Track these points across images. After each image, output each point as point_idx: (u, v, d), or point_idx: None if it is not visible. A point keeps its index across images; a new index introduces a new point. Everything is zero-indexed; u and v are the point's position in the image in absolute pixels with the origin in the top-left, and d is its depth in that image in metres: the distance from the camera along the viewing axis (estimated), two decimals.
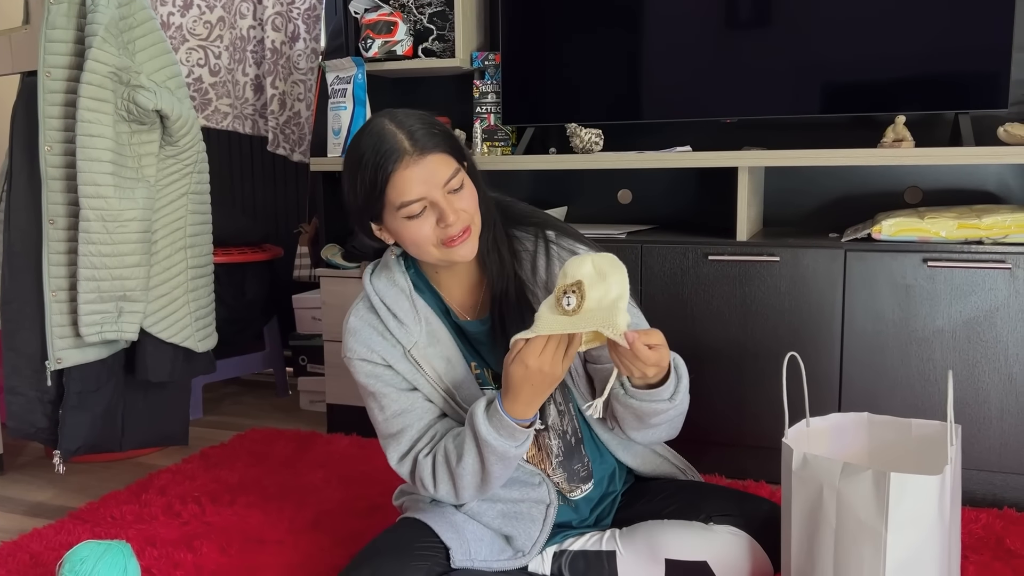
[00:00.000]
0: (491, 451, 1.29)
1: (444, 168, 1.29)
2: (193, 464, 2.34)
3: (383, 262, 1.47)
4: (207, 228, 2.16)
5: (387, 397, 1.41)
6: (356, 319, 1.43)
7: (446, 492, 1.39)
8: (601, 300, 1.17)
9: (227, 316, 2.86)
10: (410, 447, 1.41)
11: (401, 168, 1.27)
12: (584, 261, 1.19)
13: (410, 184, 1.27)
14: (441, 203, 1.29)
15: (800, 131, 2.41)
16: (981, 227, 1.98)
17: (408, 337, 1.39)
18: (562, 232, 1.48)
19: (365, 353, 1.41)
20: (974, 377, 2.00)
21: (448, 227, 1.30)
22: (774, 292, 2.13)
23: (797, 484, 1.28)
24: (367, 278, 1.45)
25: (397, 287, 1.42)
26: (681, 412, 1.39)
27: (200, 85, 3.18)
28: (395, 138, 1.28)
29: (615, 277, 1.18)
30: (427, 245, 1.32)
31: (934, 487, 1.18)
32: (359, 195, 1.32)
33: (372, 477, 2.22)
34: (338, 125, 2.52)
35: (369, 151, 1.29)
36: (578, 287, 1.16)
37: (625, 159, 2.26)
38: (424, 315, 1.41)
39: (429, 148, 1.28)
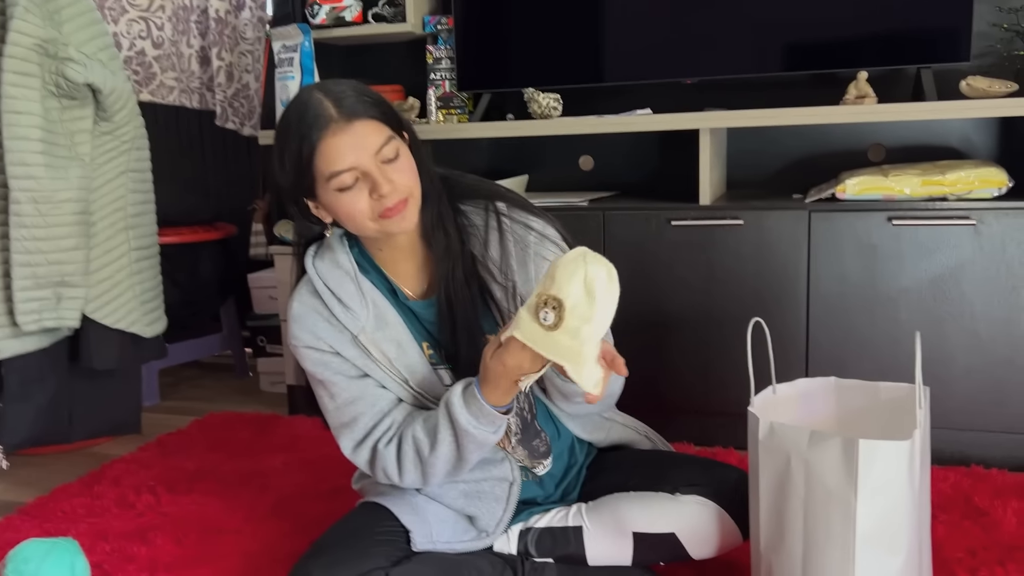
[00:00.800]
0: (470, 439, 1.25)
1: (375, 135, 1.22)
2: (149, 452, 2.27)
3: (325, 243, 1.39)
4: (149, 208, 2.07)
5: (336, 385, 1.35)
6: (299, 305, 1.35)
7: (413, 480, 1.34)
8: (577, 333, 1.07)
9: (180, 298, 2.78)
10: (365, 435, 1.35)
11: (328, 136, 1.20)
12: (576, 271, 1.08)
13: (338, 152, 1.20)
14: (373, 172, 1.22)
15: (761, 91, 2.36)
16: (945, 183, 1.95)
17: (355, 322, 1.33)
18: (512, 203, 1.41)
19: (311, 340, 1.34)
20: (941, 336, 1.98)
21: (382, 198, 1.22)
22: (738, 256, 2.09)
23: (764, 454, 1.24)
24: (309, 260, 1.37)
25: (341, 269, 1.35)
26: (611, 392, 1.35)
27: (143, 58, 3.06)
28: (321, 105, 1.21)
29: (603, 306, 1.08)
30: (362, 219, 1.25)
31: (904, 453, 1.14)
32: (288, 170, 1.25)
33: (334, 459, 2.13)
34: (286, 96, 2.42)
35: (294, 121, 1.23)
36: (558, 306, 1.06)
37: (585, 123, 2.20)
38: (371, 297, 1.35)
39: (358, 114, 1.21)
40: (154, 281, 2.08)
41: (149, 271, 2.05)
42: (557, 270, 1.08)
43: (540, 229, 1.38)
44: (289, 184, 1.27)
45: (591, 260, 1.09)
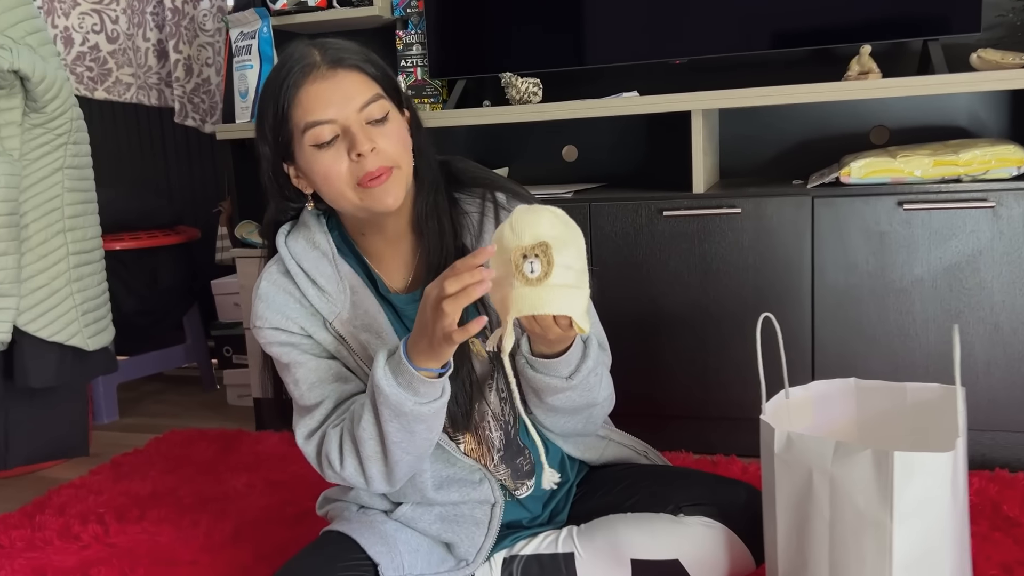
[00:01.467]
0: (384, 402, 1.06)
1: (361, 89, 1.11)
2: (101, 475, 2.08)
3: (300, 220, 1.25)
4: (91, 208, 1.89)
5: (304, 366, 1.20)
6: (268, 284, 1.22)
7: (352, 469, 1.16)
8: (569, 273, 0.96)
9: (139, 307, 2.60)
10: (321, 422, 1.20)
11: (308, 83, 1.09)
12: (540, 216, 0.97)
13: (317, 100, 1.09)
14: (353, 128, 1.10)
15: (756, 72, 2.20)
16: (959, 163, 1.80)
17: (330, 307, 1.20)
18: (514, 195, 1.27)
19: (279, 321, 1.19)
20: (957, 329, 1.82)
21: (361, 159, 1.10)
22: (736, 248, 1.93)
23: (781, 469, 1.08)
24: (281, 239, 1.23)
25: (318, 250, 1.21)
26: (589, 402, 1.19)
27: (97, 54, 2.88)
28: (307, 53, 1.12)
29: (576, 241, 0.98)
30: (341, 184, 1.12)
31: (946, 466, 0.98)
32: (268, 126, 1.14)
33: (303, 479, 1.98)
34: (244, 86, 2.25)
35: (279, 69, 1.13)
36: (544, 250, 0.95)
37: (567, 108, 2.03)
38: (349, 282, 1.21)
39: (344, 63, 1.11)
40: (98, 288, 1.89)
41: (92, 277, 1.86)
42: (516, 225, 0.97)
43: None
44: (268, 145, 1.15)
45: (543, 206, 0.99)
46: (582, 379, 1.14)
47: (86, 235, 1.84)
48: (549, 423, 1.25)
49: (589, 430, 1.33)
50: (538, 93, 2.13)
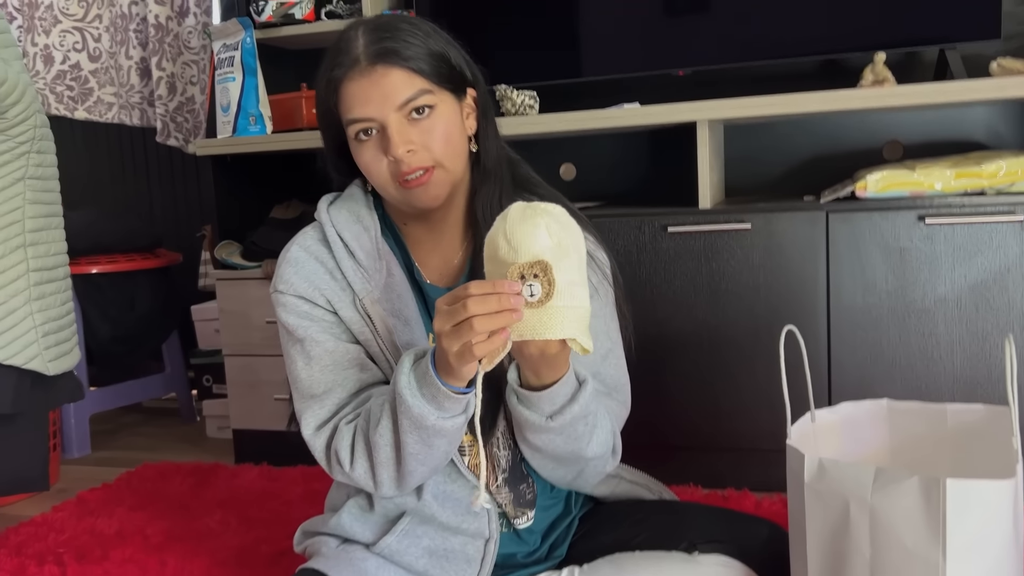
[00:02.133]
0: (406, 412, 0.96)
1: (403, 87, 1.05)
2: (65, 512, 1.93)
3: (347, 193, 1.19)
4: (56, 221, 1.76)
5: (321, 345, 1.10)
6: (300, 249, 1.15)
7: (363, 472, 1.06)
8: (573, 289, 0.87)
9: (115, 334, 2.47)
10: (333, 412, 1.10)
11: (347, 79, 1.06)
12: (536, 227, 0.88)
13: (355, 99, 1.06)
14: (390, 129, 1.04)
15: (763, 85, 2.10)
16: (983, 175, 1.69)
17: (364, 284, 1.11)
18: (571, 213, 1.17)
19: (304, 289, 1.11)
20: (984, 352, 1.71)
21: (396, 161, 1.05)
22: (746, 266, 1.81)
23: (813, 500, 0.95)
24: (323, 205, 1.17)
25: (361, 224, 1.15)
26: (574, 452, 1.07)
27: (78, 72, 2.78)
28: (352, 42, 1.07)
29: (577, 250, 0.89)
30: (382, 179, 1.08)
31: (1006, 495, 0.85)
32: (319, 104, 1.13)
33: (281, 516, 1.84)
34: (227, 100, 2.14)
35: (328, 53, 1.11)
36: (544, 270, 0.86)
37: (564, 120, 1.92)
38: (388, 263, 1.14)
39: (386, 58, 1.05)
40: (61, 309, 1.76)
41: (54, 296, 1.73)
42: (512, 237, 0.87)
43: (591, 248, 1.16)
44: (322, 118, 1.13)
45: (539, 208, 0.89)
46: (565, 424, 1.03)
47: (49, 251, 1.71)
48: (536, 465, 1.15)
49: (579, 486, 1.21)
50: (534, 106, 2.03)
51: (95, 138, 3.04)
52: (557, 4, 2.11)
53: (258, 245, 2.19)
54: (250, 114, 2.13)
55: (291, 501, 1.92)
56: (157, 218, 3.00)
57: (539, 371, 0.99)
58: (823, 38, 1.94)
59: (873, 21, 1.90)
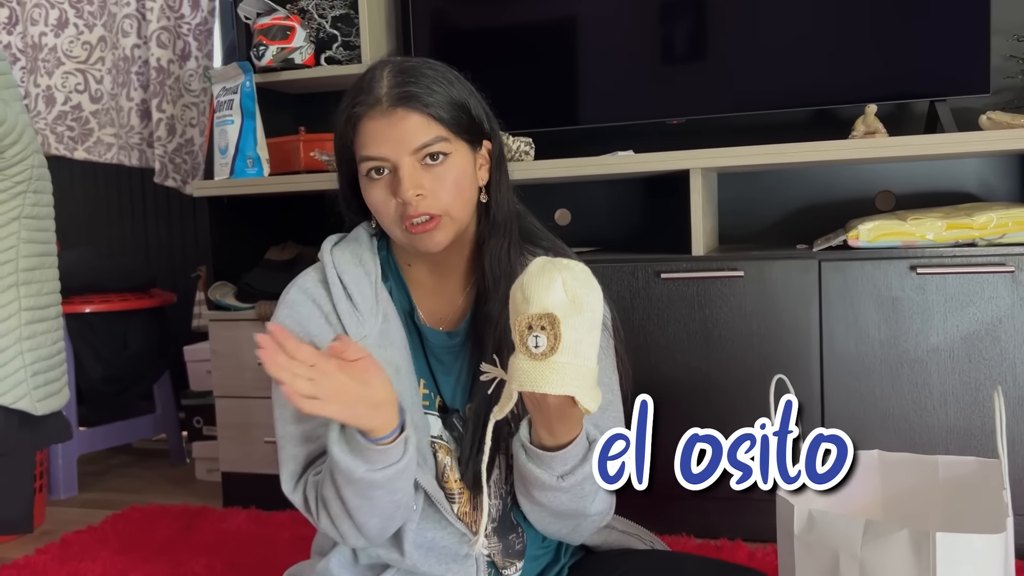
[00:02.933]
0: (336, 467, 0.98)
1: (419, 132, 1.05)
2: (47, 555, 1.90)
3: (352, 235, 1.20)
4: (50, 261, 1.77)
5: None
6: (299, 292, 1.15)
7: (327, 525, 1.06)
8: (579, 347, 0.86)
9: (106, 374, 2.46)
10: (304, 464, 1.09)
11: (367, 117, 1.06)
12: (553, 278, 0.88)
13: (372, 139, 1.06)
14: (402, 171, 1.05)
15: (755, 135, 2.11)
16: (974, 226, 1.70)
17: (358, 328, 1.11)
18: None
19: (296, 333, 1.09)
20: (978, 403, 1.70)
21: (405, 205, 1.05)
22: (739, 313, 1.81)
23: (803, 552, 0.94)
24: (327, 246, 1.18)
25: (362, 268, 1.16)
26: (579, 510, 1.06)
27: (79, 113, 2.81)
28: (376, 81, 1.08)
29: (591, 308, 0.88)
30: (389, 220, 1.09)
31: (996, 549, 0.84)
32: (337, 137, 1.13)
33: (268, 561, 1.81)
34: (225, 142, 2.16)
35: (351, 89, 1.11)
36: (551, 323, 0.86)
37: (559, 166, 1.94)
38: (384, 308, 1.14)
39: (406, 102, 1.05)
40: (52, 348, 1.75)
41: (45, 335, 1.73)
42: (527, 288, 0.88)
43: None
44: (338, 150, 1.13)
45: (560, 264, 0.89)
46: (576, 483, 1.02)
47: (42, 290, 1.71)
48: (532, 518, 1.13)
49: (574, 540, 1.20)
50: (530, 152, 2.05)
51: (94, 178, 3.06)
52: (553, 53, 2.15)
53: (252, 287, 2.19)
54: (248, 156, 2.15)
55: (279, 546, 1.89)
56: (153, 258, 3.00)
57: (553, 429, 0.98)
58: (816, 90, 1.97)
59: (865, 74, 1.93)
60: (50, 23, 2.79)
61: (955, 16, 1.85)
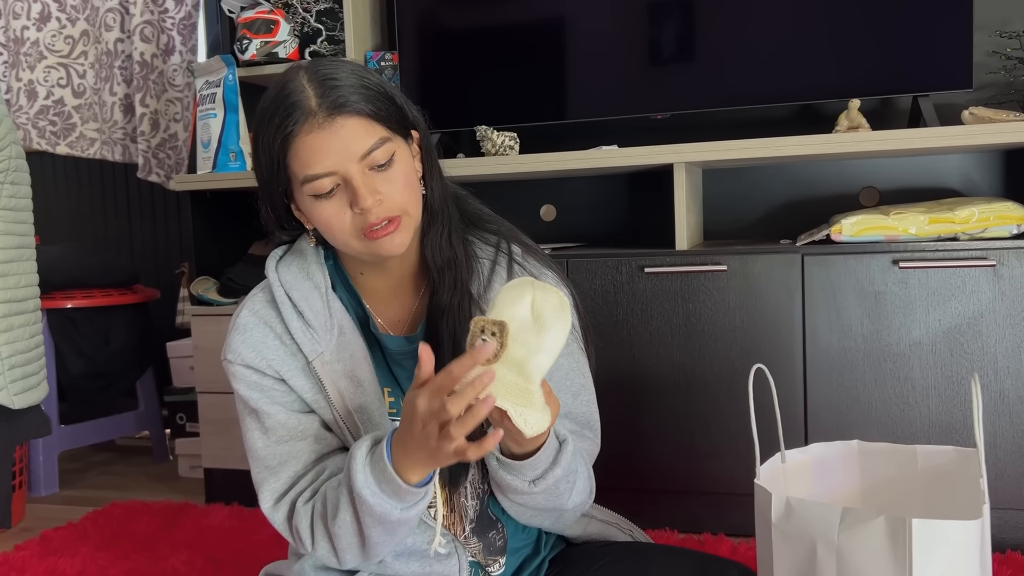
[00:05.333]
0: (367, 511, 0.95)
1: (363, 135, 1.00)
2: (26, 551, 1.88)
3: (296, 248, 1.15)
4: (28, 253, 1.75)
5: (272, 418, 1.07)
6: (250, 314, 1.10)
7: (325, 553, 1.04)
8: (523, 366, 0.85)
9: (88, 370, 2.44)
10: (289, 486, 1.07)
11: (303, 132, 0.99)
12: (523, 295, 0.89)
13: (314, 153, 0.99)
14: (355, 181, 0.99)
15: (740, 131, 2.12)
16: (956, 221, 1.71)
17: (314, 346, 1.07)
18: (529, 251, 1.16)
19: (252, 359, 1.07)
20: (959, 396, 1.71)
21: (364, 213, 1.00)
22: (722, 307, 1.81)
23: (780, 541, 0.93)
24: (272, 265, 1.12)
25: (311, 281, 1.10)
26: (556, 507, 1.07)
27: (62, 108, 2.78)
28: (301, 93, 0.99)
29: (554, 335, 0.86)
30: (344, 235, 1.03)
31: (972, 535, 0.84)
32: (262, 164, 1.05)
33: (250, 556, 1.80)
34: (207, 136, 2.15)
35: (271, 107, 1.02)
36: (500, 330, 0.85)
37: (544, 160, 1.94)
38: (338, 321, 1.09)
39: (344, 108, 0.99)
40: (30, 342, 1.73)
41: (23, 328, 1.71)
42: (498, 296, 0.89)
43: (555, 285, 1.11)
44: (264, 179, 1.06)
45: (540, 285, 0.89)
46: (548, 487, 1.02)
47: (19, 282, 1.69)
48: (514, 514, 1.12)
49: (556, 529, 1.20)
50: (514, 147, 2.05)
51: (77, 173, 3.04)
52: (539, 48, 2.14)
53: (235, 282, 2.17)
54: (230, 150, 2.13)
55: (260, 543, 1.88)
56: (136, 254, 2.98)
57: (519, 439, 0.97)
58: (800, 85, 1.97)
59: (849, 69, 1.93)
60: (32, 17, 2.77)
61: (938, 12, 1.86)
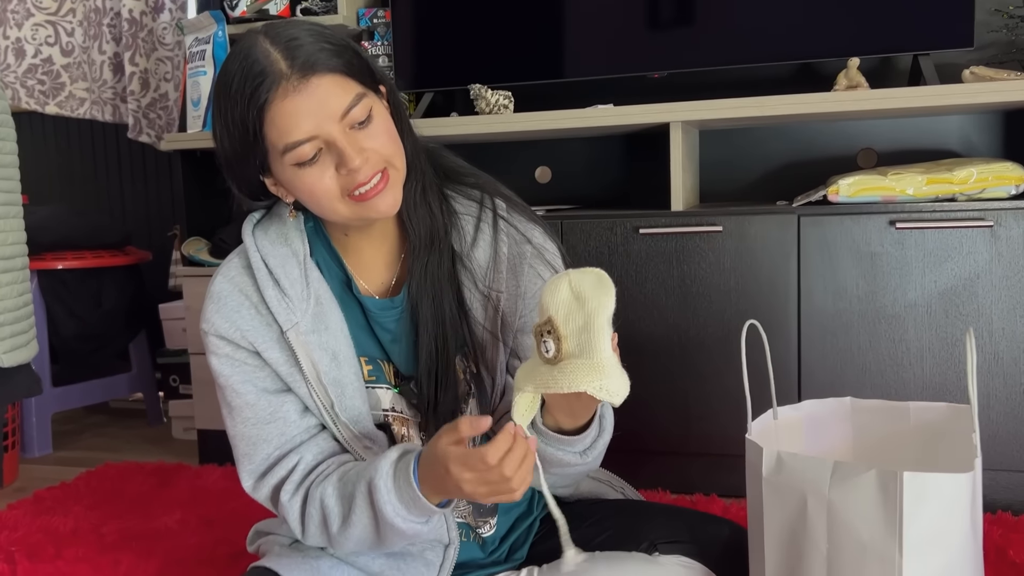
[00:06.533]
0: (394, 532, 0.98)
1: (340, 93, 0.96)
2: (19, 510, 1.88)
3: (274, 211, 1.11)
4: (14, 211, 1.73)
5: (243, 397, 1.05)
6: (224, 281, 1.07)
7: (316, 543, 1.07)
8: (583, 344, 0.89)
9: (80, 331, 2.43)
10: (266, 469, 1.06)
11: (278, 99, 0.94)
12: (560, 284, 0.90)
13: (292, 119, 0.94)
14: (339, 142, 0.95)
15: (737, 90, 2.09)
16: (954, 181, 1.69)
17: (288, 315, 1.04)
18: (512, 204, 1.13)
19: (227, 330, 1.04)
20: (953, 358, 1.70)
21: (353, 172, 0.96)
22: (717, 269, 1.80)
23: (770, 494, 0.93)
24: (248, 229, 1.09)
25: (289, 247, 1.07)
26: (590, 469, 1.08)
27: (50, 67, 2.74)
28: (267, 58, 0.94)
29: (598, 300, 0.88)
30: (330, 200, 0.99)
31: (964, 489, 0.84)
32: (233, 140, 0.99)
33: (241, 516, 1.80)
34: (197, 94, 2.11)
35: (237, 78, 0.96)
36: (553, 327, 0.88)
37: (538, 119, 1.91)
38: (316, 290, 1.06)
39: (316, 68, 0.94)
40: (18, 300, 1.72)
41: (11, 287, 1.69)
42: (542, 297, 0.91)
43: (540, 241, 1.12)
44: (236, 158, 1.01)
45: (575, 272, 0.91)
46: (596, 454, 1.04)
47: (6, 240, 1.68)
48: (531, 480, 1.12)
49: (566, 485, 1.21)
50: (509, 106, 2.02)
51: (67, 133, 3.00)
52: (534, 4, 2.10)
53: (226, 242, 2.15)
54: None
55: (253, 503, 1.83)
56: (128, 216, 2.96)
57: (574, 412, 0.98)
58: (799, 44, 1.94)
59: (848, 27, 1.90)
60: None
61: None
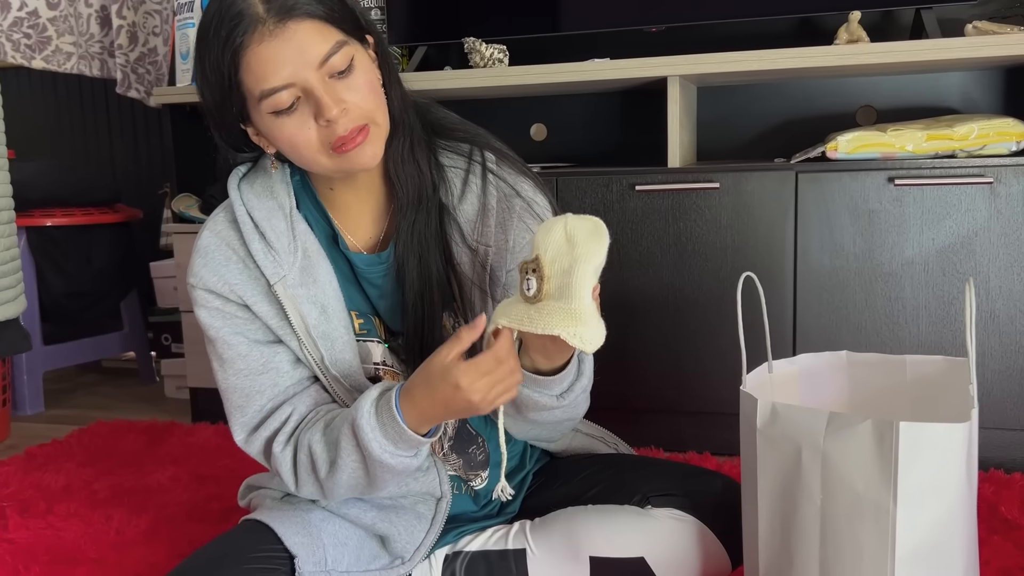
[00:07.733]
0: (383, 468, 0.97)
1: (319, 40, 0.93)
2: (10, 467, 1.88)
3: (259, 164, 1.10)
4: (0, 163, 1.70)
5: (234, 348, 1.04)
6: (211, 235, 1.06)
7: (311, 494, 1.06)
8: (564, 287, 0.86)
9: (69, 289, 2.41)
10: (259, 421, 1.05)
11: (254, 42, 0.92)
12: (555, 227, 0.90)
13: (268, 65, 0.92)
14: (317, 90, 0.93)
15: (736, 45, 2.05)
16: (954, 137, 1.67)
17: (275, 269, 1.03)
18: (503, 157, 1.11)
19: (214, 283, 1.03)
20: (950, 316, 1.69)
21: (331, 124, 0.94)
22: (714, 226, 1.78)
23: (764, 446, 0.92)
24: (234, 182, 1.08)
25: (275, 200, 1.06)
26: (571, 417, 1.08)
27: (36, 20, 2.68)
28: (245, 1, 0.93)
29: (588, 251, 0.86)
30: (311, 151, 0.97)
31: (959, 439, 0.83)
32: (212, 87, 0.97)
33: (234, 473, 1.80)
34: (186, 47, 2.07)
35: (213, 21, 0.94)
36: (537, 267, 0.88)
37: (534, 72, 1.88)
38: (303, 243, 1.05)
39: (294, 12, 0.92)
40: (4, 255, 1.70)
41: None
42: (536, 234, 0.91)
43: (530, 194, 1.09)
44: (215, 104, 0.99)
45: (573, 216, 0.90)
46: (574, 398, 1.03)
47: None
48: (515, 431, 1.12)
49: (553, 438, 1.20)
50: (504, 60, 1.98)
51: (54, 88, 2.96)
52: None
53: (216, 199, 2.12)
54: None
55: (245, 459, 1.86)
56: (118, 173, 2.92)
57: (550, 354, 0.97)
58: None
59: None
60: None
61: None
